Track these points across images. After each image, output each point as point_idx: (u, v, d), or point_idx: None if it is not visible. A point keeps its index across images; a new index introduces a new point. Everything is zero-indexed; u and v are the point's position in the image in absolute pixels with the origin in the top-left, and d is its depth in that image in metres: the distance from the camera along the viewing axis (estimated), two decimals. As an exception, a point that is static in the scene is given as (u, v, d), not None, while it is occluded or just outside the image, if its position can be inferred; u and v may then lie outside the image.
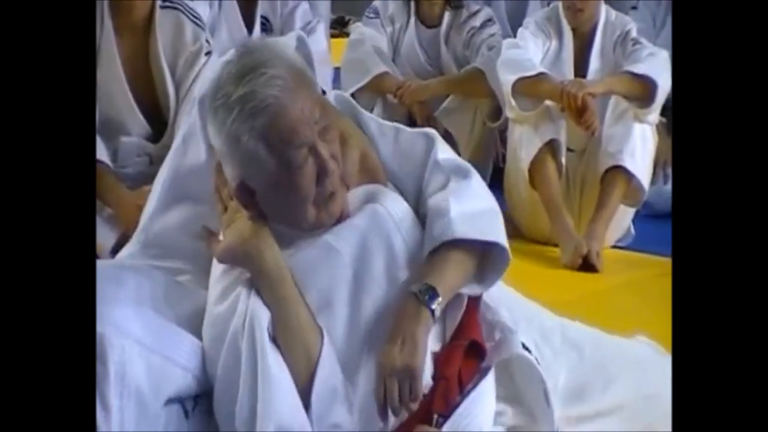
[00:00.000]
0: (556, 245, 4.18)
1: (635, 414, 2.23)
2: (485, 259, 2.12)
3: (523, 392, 2.14)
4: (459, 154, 4.33)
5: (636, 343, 2.47)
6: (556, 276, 3.96)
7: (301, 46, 2.35)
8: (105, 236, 3.30)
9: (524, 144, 4.28)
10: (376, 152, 2.20)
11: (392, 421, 1.98)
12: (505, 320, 2.17)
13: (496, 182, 4.67)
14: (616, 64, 4.34)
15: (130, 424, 1.94)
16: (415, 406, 1.96)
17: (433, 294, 2.00)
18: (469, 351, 2.08)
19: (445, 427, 1.97)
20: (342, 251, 2.04)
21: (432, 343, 2.03)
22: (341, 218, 2.07)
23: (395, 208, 2.11)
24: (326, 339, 1.99)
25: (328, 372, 1.97)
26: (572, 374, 2.26)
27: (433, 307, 2.00)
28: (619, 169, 4.17)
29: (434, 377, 2.01)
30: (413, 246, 2.09)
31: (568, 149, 4.31)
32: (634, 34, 4.36)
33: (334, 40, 5.28)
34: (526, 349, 2.14)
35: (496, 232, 2.12)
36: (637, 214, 4.38)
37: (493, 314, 2.17)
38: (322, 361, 1.97)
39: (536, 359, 2.14)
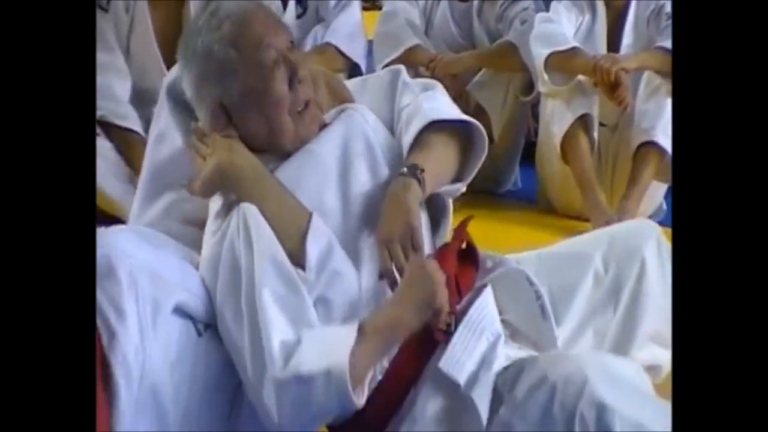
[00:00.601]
0: (587, 220, 4.18)
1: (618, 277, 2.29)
2: (463, 153, 2.20)
3: (518, 322, 2.15)
4: (491, 128, 4.40)
5: (624, 225, 2.49)
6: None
7: None
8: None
9: (557, 118, 4.28)
10: None
11: None
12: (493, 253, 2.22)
13: (528, 157, 4.68)
14: (649, 39, 4.31)
15: (148, 328, 1.90)
16: (418, 257, 1.99)
17: (415, 167, 2.05)
18: (463, 258, 2.12)
19: (457, 333, 1.96)
20: (325, 154, 2.11)
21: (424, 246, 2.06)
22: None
23: (368, 115, 2.19)
24: (315, 214, 2.03)
25: (320, 231, 2.02)
26: (555, 276, 2.28)
27: (419, 176, 2.04)
28: (651, 145, 4.15)
29: None
30: (389, 153, 2.16)
31: (601, 124, 4.31)
32: (667, 9, 4.32)
33: (366, 13, 5.25)
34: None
35: (469, 119, 2.21)
36: (669, 189, 4.37)
37: (481, 252, 2.21)
38: (313, 223, 2.01)
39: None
